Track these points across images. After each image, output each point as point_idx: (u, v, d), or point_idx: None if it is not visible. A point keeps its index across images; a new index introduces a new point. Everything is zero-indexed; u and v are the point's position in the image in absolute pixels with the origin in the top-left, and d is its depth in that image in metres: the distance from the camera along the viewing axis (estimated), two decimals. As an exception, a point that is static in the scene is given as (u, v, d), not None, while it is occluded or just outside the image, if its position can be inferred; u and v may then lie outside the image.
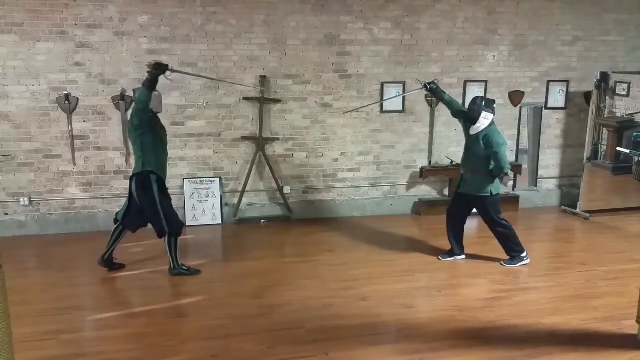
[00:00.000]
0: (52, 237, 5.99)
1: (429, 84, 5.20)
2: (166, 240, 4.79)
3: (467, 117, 5.01)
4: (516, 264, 5.13)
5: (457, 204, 5.21)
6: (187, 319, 4.09)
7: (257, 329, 3.92)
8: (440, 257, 5.32)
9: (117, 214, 4.98)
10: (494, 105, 4.97)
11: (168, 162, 5.09)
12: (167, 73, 4.54)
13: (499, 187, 5.11)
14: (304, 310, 4.21)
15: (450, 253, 5.32)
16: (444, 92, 5.27)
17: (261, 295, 4.53)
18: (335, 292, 4.57)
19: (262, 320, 4.05)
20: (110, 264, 4.95)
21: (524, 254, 5.17)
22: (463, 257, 5.32)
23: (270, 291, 4.61)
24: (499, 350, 3.62)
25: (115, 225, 4.91)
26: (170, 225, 4.71)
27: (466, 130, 5.07)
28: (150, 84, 4.45)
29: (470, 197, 5.06)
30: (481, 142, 4.89)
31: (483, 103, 4.89)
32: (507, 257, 5.19)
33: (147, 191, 4.59)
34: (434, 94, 5.34)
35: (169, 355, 3.57)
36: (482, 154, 4.90)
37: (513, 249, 5.15)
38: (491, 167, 4.91)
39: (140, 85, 4.60)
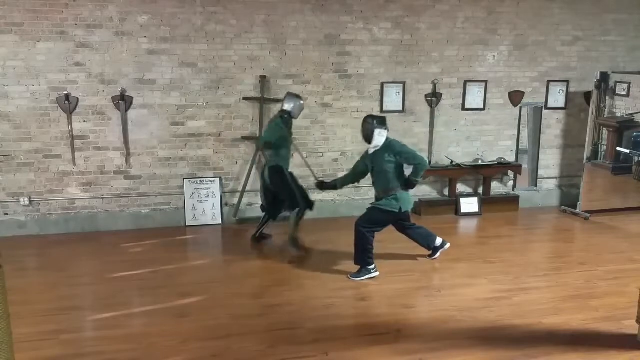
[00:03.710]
0: (52, 237, 5.99)
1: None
2: (295, 213, 5.41)
3: (364, 159, 4.95)
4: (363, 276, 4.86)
5: (395, 225, 5.09)
6: (187, 319, 4.09)
7: (257, 328, 3.92)
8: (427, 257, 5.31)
9: (262, 205, 5.86)
10: (386, 123, 4.84)
11: (168, 162, 5.57)
12: None
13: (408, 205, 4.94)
14: (304, 310, 4.21)
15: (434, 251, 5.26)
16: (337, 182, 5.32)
17: (261, 295, 4.53)
18: (335, 292, 4.57)
19: (262, 320, 4.05)
20: (260, 239, 5.84)
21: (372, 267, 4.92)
22: (441, 241, 5.21)
23: (270, 291, 4.61)
24: (499, 350, 3.62)
25: (264, 214, 5.83)
26: (304, 200, 5.48)
27: (369, 160, 4.90)
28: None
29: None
30: (385, 157, 4.73)
31: (375, 122, 4.77)
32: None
33: (281, 180, 5.41)
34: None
35: (169, 355, 3.57)
36: (390, 169, 4.75)
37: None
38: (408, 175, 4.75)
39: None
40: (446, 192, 7.08)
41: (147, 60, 6.00)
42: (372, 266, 4.88)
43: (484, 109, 6.99)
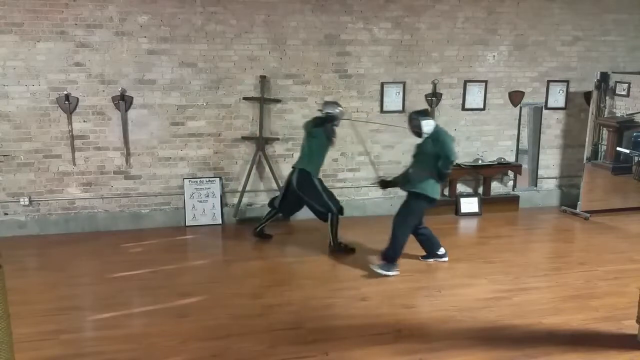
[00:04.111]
0: (52, 237, 5.99)
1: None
2: (330, 220, 5.41)
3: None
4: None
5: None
6: (187, 319, 4.09)
7: (257, 328, 3.92)
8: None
9: (273, 200, 5.80)
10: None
11: (168, 162, 5.63)
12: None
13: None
14: (304, 310, 4.22)
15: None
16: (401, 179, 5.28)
17: (261, 295, 4.53)
18: (336, 292, 4.57)
19: (262, 320, 4.05)
20: (261, 235, 5.86)
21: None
22: (443, 251, 5.28)
23: (270, 291, 4.61)
24: (499, 350, 3.62)
25: (270, 209, 5.79)
26: (336, 204, 5.43)
27: (416, 147, 5.09)
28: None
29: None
30: (430, 143, 4.89)
31: (418, 116, 4.98)
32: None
33: (311, 186, 5.37)
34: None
35: (169, 355, 3.57)
36: (430, 156, 4.88)
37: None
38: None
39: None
40: (446, 192, 7.08)
41: (147, 60, 6.00)
42: (396, 267, 4.94)
43: (484, 109, 6.99)
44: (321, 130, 5.36)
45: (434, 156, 4.86)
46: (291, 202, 5.62)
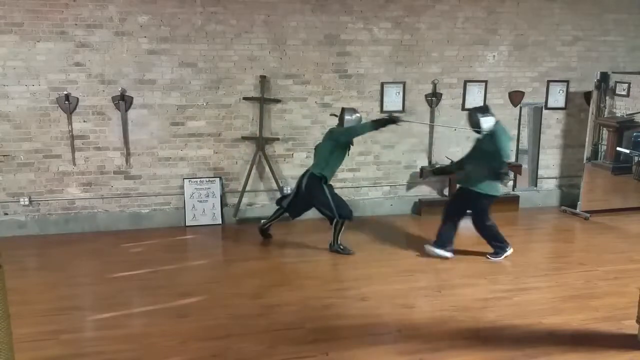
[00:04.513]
0: (52, 237, 5.99)
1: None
2: (334, 223, 5.45)
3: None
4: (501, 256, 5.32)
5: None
6: (187, 319, 4.09)
7: (257, 329, 3.92)
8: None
9: (281, 199, 5.79)
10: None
11: (169, 162, 5.61)
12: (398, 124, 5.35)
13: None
14: (304, 310, 4.22)
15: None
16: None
17: (261, 295, 4.53)
18: (336, 292, 4.57)
19: (262, 320, 4.05)
20: (265, 234, 5.87)
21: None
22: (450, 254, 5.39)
23: (270, 291, 4.61)
24: (499, 350, 3.62)
25: (278, 207, 5.76)
26: (342, 211, 5.43)
27: (476, 142, 5.27)
28: (377, 127, 5.32)
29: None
30: (488, 140, 5.04)
31: (477, 112, 5.12)
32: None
33: (319, 190, 5.39)
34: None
35: (169, 355, 3.58)
36: (489, 153, 5.03)
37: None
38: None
39: (366, 121, 5.48)
40: (446, 192, 7.08)
41: (147, 60, 6.00)
42: (507, 245, 5.30)
43: (483, 109, 6.98)
44: (346, 139, 5.39)
45: (491, 154, 4.97)
46: (300, 204, 5.64)
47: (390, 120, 5.27)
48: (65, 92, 5.85)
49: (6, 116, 5.81)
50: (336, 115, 5.61)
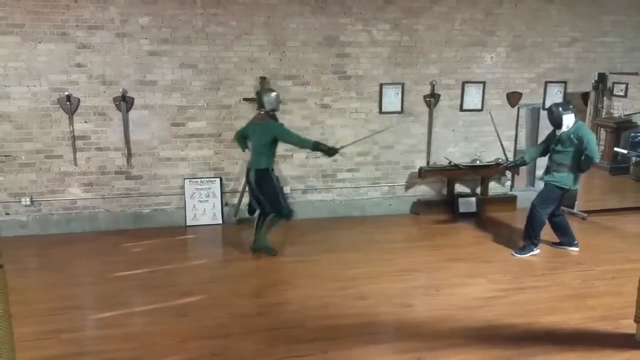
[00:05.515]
0: (53, 237, 6.02)
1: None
2: (271, 218, 5.35)
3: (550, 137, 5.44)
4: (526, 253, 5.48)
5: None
6: (187, 318, 4.12)
7: (256, 328, 3.95)
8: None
9: (250, 210, 5.63)
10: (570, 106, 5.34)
11: (169, 162, 5.85)
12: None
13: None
14: (303, 310, 4.25)
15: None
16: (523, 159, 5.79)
17: (261, 294, 4.56)
18: (335, 291, 4.60)
19: (262, 320, 4.08)
20: (268, 250, 5.55)
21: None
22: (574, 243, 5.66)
23: (270, 290, 4.64)
24: (497, 349, 3.65)
25: (256, 217, 5.57)
26: (284, 208, 5.35)
27: (555, 139, 5.36)
28: (314, 150, 5.37)
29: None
30: (572, 136, 5.16)
31: (560, 108, 5.22)
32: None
33: (268, 182, 5.28)
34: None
35: (169, 354, 3.60)
36: (571, 148, 5.20)
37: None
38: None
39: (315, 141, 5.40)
40: (444, 192, 7.11)
41: (148, 62, 6.03)
42: (537, 245, 5.48)
43: (482, 109, 7.02)
44: (288, 137, 5.28)
45: (575, 151, 5.17)
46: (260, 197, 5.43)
47: (328, 151, 5.34)
48: (66, 93, 5.88)
49: (8, 117, 5.84)
50: (252, 100, 5.59)
